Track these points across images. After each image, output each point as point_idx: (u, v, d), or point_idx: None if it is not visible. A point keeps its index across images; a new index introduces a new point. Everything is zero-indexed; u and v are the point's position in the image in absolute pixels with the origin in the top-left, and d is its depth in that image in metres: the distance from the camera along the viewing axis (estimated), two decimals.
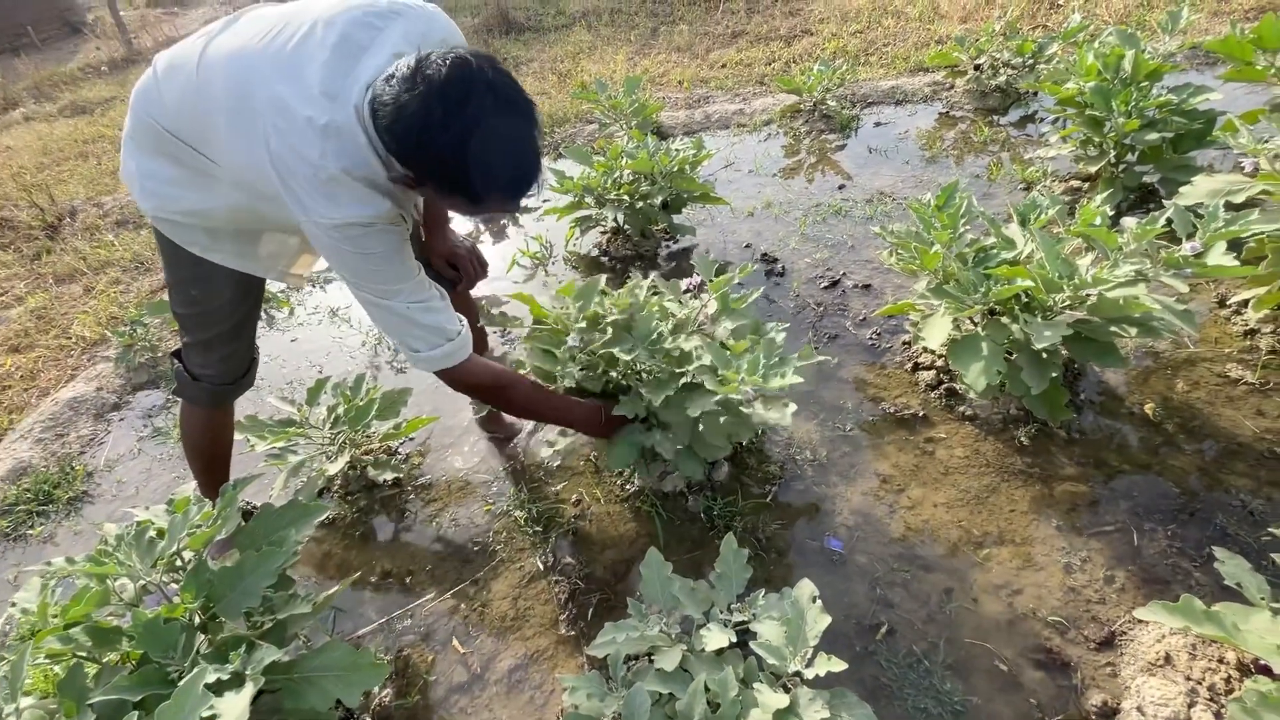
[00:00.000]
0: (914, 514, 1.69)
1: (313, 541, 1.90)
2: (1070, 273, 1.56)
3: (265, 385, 2.55)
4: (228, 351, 1.54)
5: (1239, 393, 1.84)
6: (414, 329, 1.29)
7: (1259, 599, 1.18)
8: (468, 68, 0.99)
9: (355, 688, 1.18)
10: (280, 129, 1.08)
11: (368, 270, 1.21)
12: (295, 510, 1.42)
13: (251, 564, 1.24)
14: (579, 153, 2.87)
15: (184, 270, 1.40)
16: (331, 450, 1.91)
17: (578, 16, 6.76)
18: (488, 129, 1.00)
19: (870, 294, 2.47)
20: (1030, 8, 4.77)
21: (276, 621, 1.26)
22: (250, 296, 1.50)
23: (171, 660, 1.11)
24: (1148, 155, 2.55)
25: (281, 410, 1.97)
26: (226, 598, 1.22)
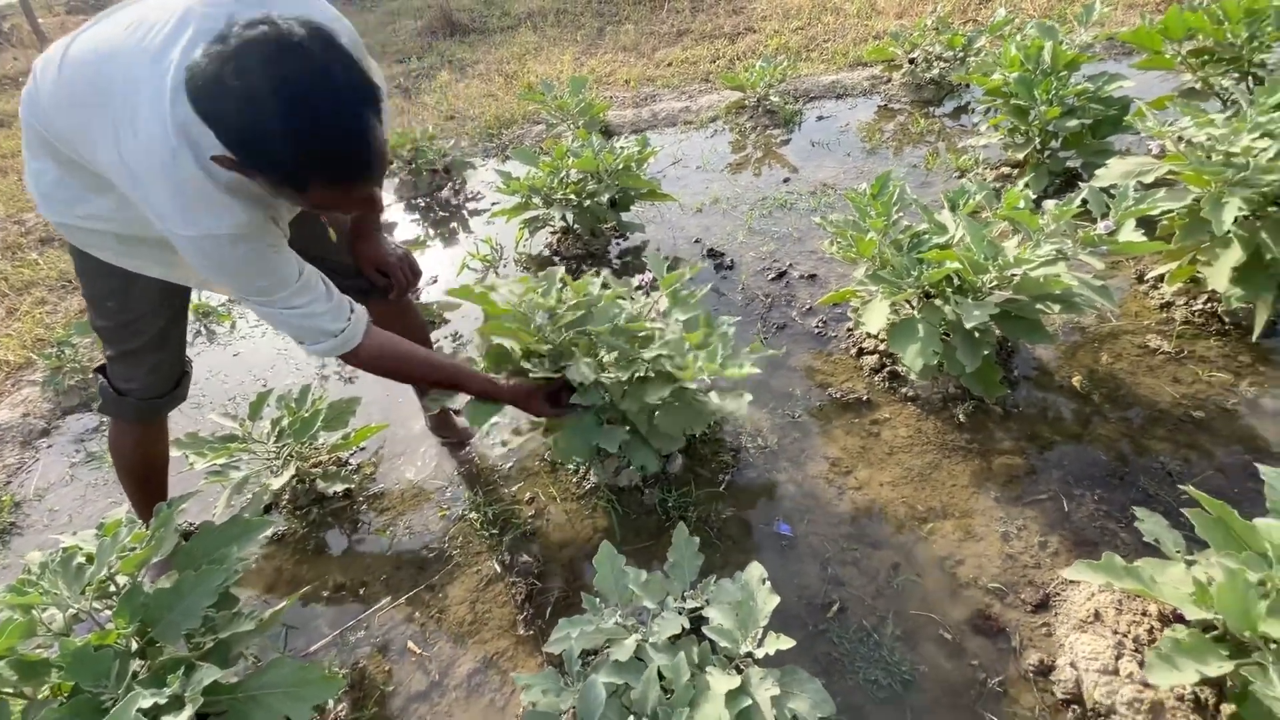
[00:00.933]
0: (861, 494, 1.74)
1: (261, 558, 1.85)
2: (995, 254, 1.63)
3: (206, 402, 2.46)
4: (153, 363, 1.48)
5: (1157, 362, 1.95)
6: (297, 329, 1.26)
7: (1175, 553, 1.26)
8: (274, 30, 0.88)
9: (304, 703, 1.16)
10: (134, 128, 1.01)
11: (237, 282, 1.17)
12: (238, 527, 1.39)
13: (190, 584, 1.21)
14: (525, 153, 2.86)
15: (99, 281, 1.34)
16: (276, 464, 1.86)
17: (523, 18, 6.73)
18: (293, 101, 0.88)
19: (816, 283, 2.52)
20: (961, 3, 4.95)
21: (219, 641, 1.23)
22: (173, 305, 1.43)
23: (105, 689, 1.07)
24: (1070, 141, 2.68)
25: (223, 426, 1.91)
26: (164, 620, 1.18)
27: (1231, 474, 1.63)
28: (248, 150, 0.94)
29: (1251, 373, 1.87)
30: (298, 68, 0.89)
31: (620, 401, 1.58)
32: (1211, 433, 1.73)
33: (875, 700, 1.34)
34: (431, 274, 3.05)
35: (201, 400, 2.49)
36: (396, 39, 6.88)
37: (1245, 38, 2.51)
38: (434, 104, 5.02)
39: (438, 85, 5.39)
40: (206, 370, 2.66)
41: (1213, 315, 2.03)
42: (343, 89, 0.92)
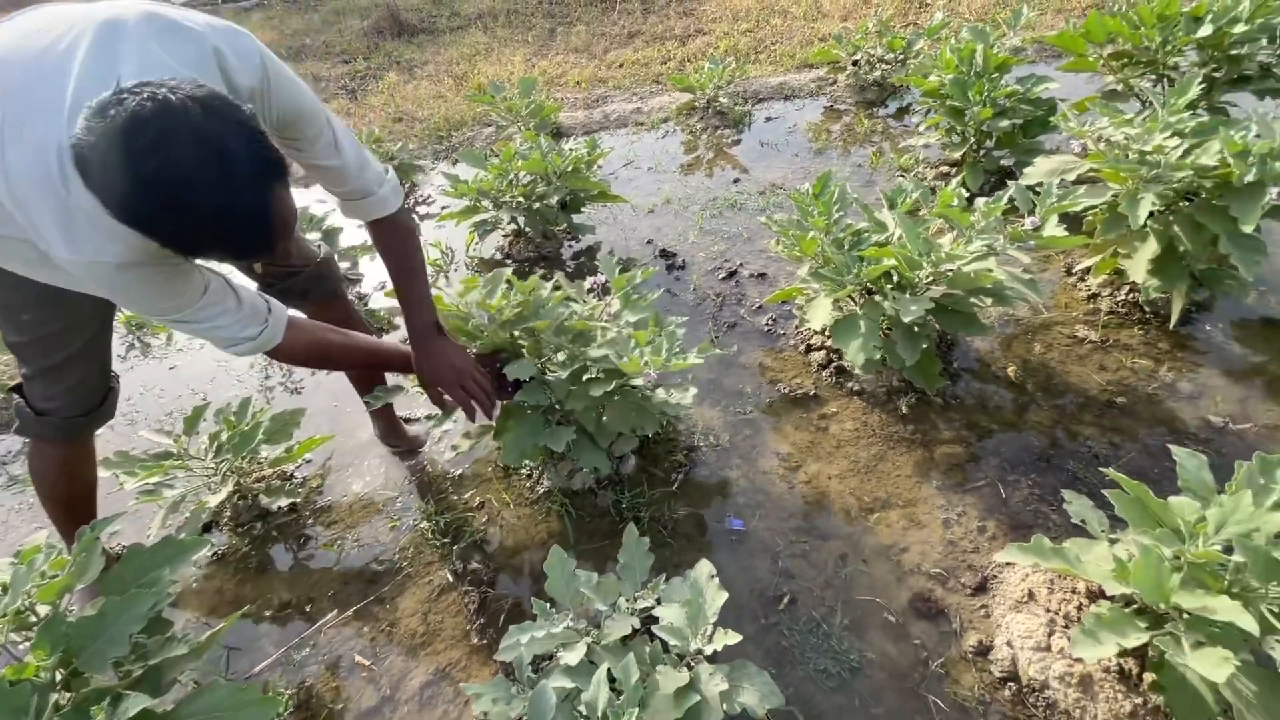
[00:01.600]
0: (810, 487, 1.78)
1: (201, 579, 1.78)
2: (930, 251, 1.69)
3: (140, 418, 2.35)
4: (76, 380, 1.40)
5: (1085, 351, 2.05)
6: (206, 337, 1.23)
7: (1099, 533, 1.33)
8: (164, 107, 0.81)
9: None
10: (21, 139, 0.94)
11: (134, 303, 1.12)
12: (171, 547, 1.33)
13: (116, 609, 1.15)
14: (473, 156, 2.83)
15: (12, 292, 1.25)
16: (215, 481, 1.80)
17: (473, 18, 6.64)
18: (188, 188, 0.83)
19: (765, 282, 2.57)
20: (903, 6, 5.10)
21: (150, 668, 1.18)
22: (95, 317, 1.36)
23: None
24: (1003, 140, 2.79)
25: (157, 443, 1.83)
26: (89, 649, 1.13)
27: (1154, 455, 1.72)
28: (141, 229, 0.88)
29: (1170, 359, 1.98)
30: (191, 154, 0.83)
31: (566, 401, 1.58)
32: (1134, 416, 1.83)
33: (825, 689, 1.37)
34: (381, 280, 2.98)
35: (135, 417, 2.38)
36: (342, 39, 6.71)
37: (1159, 42, 2.66)
38: (381, 105, 4.91)
39: (385, 86, 5.27)
40: (140, 385, 2.54)
41: (1134, 305, 2.14)
42: (241, 171, 0.87)
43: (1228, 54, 2.61)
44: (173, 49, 0.99)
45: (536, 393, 1.56)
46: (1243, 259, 1.74)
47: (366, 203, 1.38)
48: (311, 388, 2.41)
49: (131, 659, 1.20)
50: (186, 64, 0.99)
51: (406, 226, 1.48)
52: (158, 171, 0.82)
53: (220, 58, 1.05)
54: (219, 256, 0.97)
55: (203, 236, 0.90)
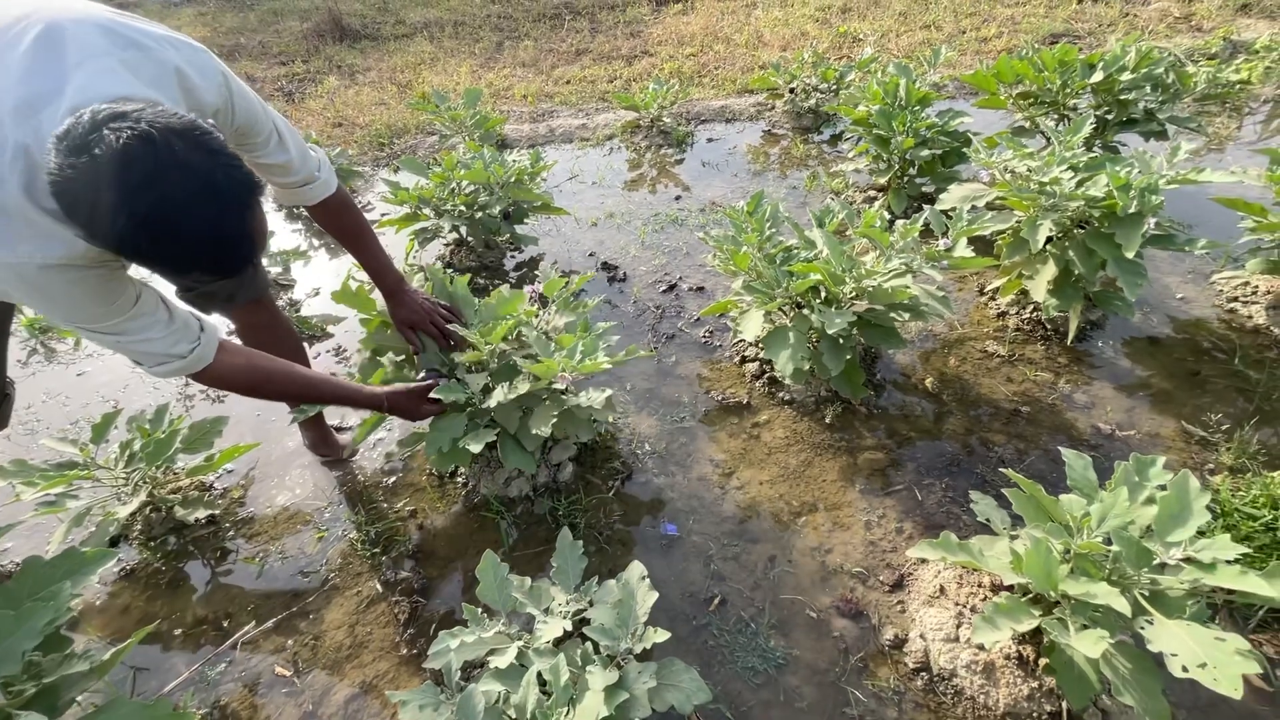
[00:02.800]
0: (742, 493, 1.84)
1: (107, 596, 1.67)
2: (852, 267, 1.79)
3: (40, 427, 2.20)
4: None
5: (994, 364, 2.21)
6: (132, 353, 1.17)
7: (1002, 530, 1.43)
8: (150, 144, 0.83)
9: None
10: None
11: (58, 313, 1.06)
12: (72, 560, 1.26)
13: (8, 625, 1.08)
14: (414, 164, 2.80)
15: None
16: (125, 492, 1.70)
17: (419, 27, 6.58)
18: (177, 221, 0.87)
19: (704, 295, 2.64)
20: (837, 40, 5.39)
21: (45, 687, 1.10)
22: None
23: None
24: (924, 168, 2.98)
25: (60, 452, 1.72)
26: None
27: (1054, 459, 1.87)
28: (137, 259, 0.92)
29: (1068, 372, 2.16)
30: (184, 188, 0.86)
31: (485, 400, 1.56)
32: (1037, 424, 1.98)
33: (752, 685, 1.41)
34: (313, 286, 2.90)
35: (36, 426, 2.22)
36: (280, 40, 6.51)
37: (1059, 85, 2.92)
38: (320, 110, 4.79)
39: (324, 90, 5.15)
40: (42, 393, 2.38)
41: (1038, 323, 2.32)
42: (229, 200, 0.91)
43: (1117, 98, 2.89)
44: (135, 66, 0.99)
45: (455, 390, 1.55)
46: (1127, 282, 1.92)
47: (310, 189, 1.38)
48: (235, 397, 2.32)
49: (24, 678, 1.12)
50: (148, 83, 0.99)
51: (348, 201, 1.51)
52: (153, 208, 0.85)
53: (182, 77, 1.05)
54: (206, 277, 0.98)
55: (197, 260, 0.93)
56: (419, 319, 1.64)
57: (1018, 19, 5.40)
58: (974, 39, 5.07)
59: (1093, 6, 5.54)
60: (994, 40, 5.00)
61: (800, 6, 6.23)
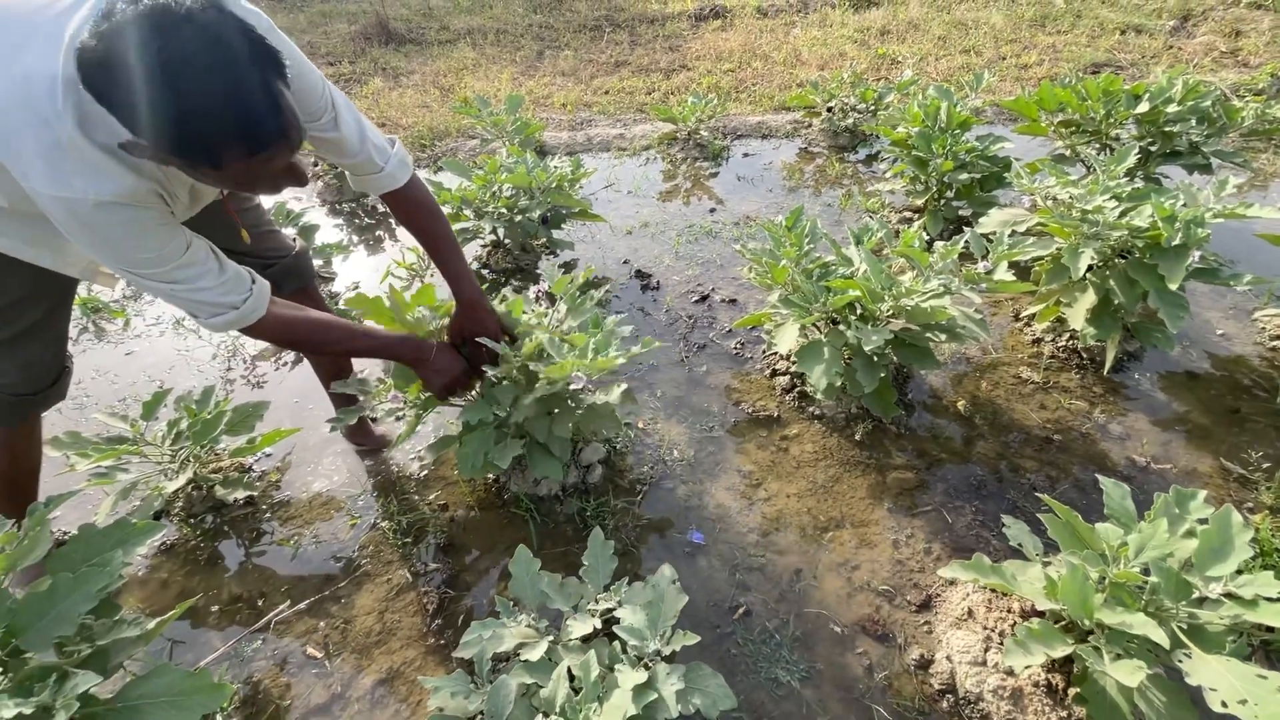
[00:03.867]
0: (770, 505, 1.84)
1: (147, 569, 1.73)
2: (891, 285, 1.80)
3: (90, 403, 2.28)
4: (27, 357, 1.36)
5: (1028, 390, 2.19)
6: (185, 304, 1.18)
7: (1034, 555, 1.42)
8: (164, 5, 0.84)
9: (189, 713, 1.10)
10: (6, 75, 0.94)
11: (112, 254, 1.06)
12: (123, 530, 1.30)
13: (66, 588, 1.12)
14: (457, 166, 2.87)
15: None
16: (171, 468, 1.76)
17: (463, 33, 6.73)
18: (194, 75, 0.85)
19: (736, 308, 2.66)
20: (875, 62, 5.40)
21: (97, 649, 1.15)
22: (51, 294, 1.33)
23: None
24: (962, 192, 2.98)
25: (110, 427, 1.79)
26: (34, 627, 1.09)
27: (1085, 489, 1.85)
28: (157, 133, 0.88)
29: (1103, 402, 2.14)
30: (194, 41, 0.84)
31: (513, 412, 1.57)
32: (1069, 453, 1.96)
33: (774, 696, 1.41)
34: (353, 280, 2.97)
35: (85, 401, 2.30)
36: (328, 41, 6.70)
37: (1103, 114, 2.90)
38: (365, 110, 4.92)
39: (369, 91, 5.29)
40: (93, 370, 2.46)
41: (1074, 351, 2.30)
42: (243, 58, 0.88)
43: (1162, 130, 2.86)
44: None
45: (482, 408, 1.56)
46: (1168, 314, 1.91)
47: (374, 178, 1.39)
48: (275, 382, 2.38)
49: (78, 640, 1.16)
50: None
51: (421, 199, 1.47)
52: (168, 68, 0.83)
53: None
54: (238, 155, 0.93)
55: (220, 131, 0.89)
56: (472, 333, 1.55)
57: (1059, 47, 5.38)
58: (1014, 65, 5.05)
59: (1136, 38, 5.50)
60: (1034, 67, 4.98)
61: (839, 27, 6.27)
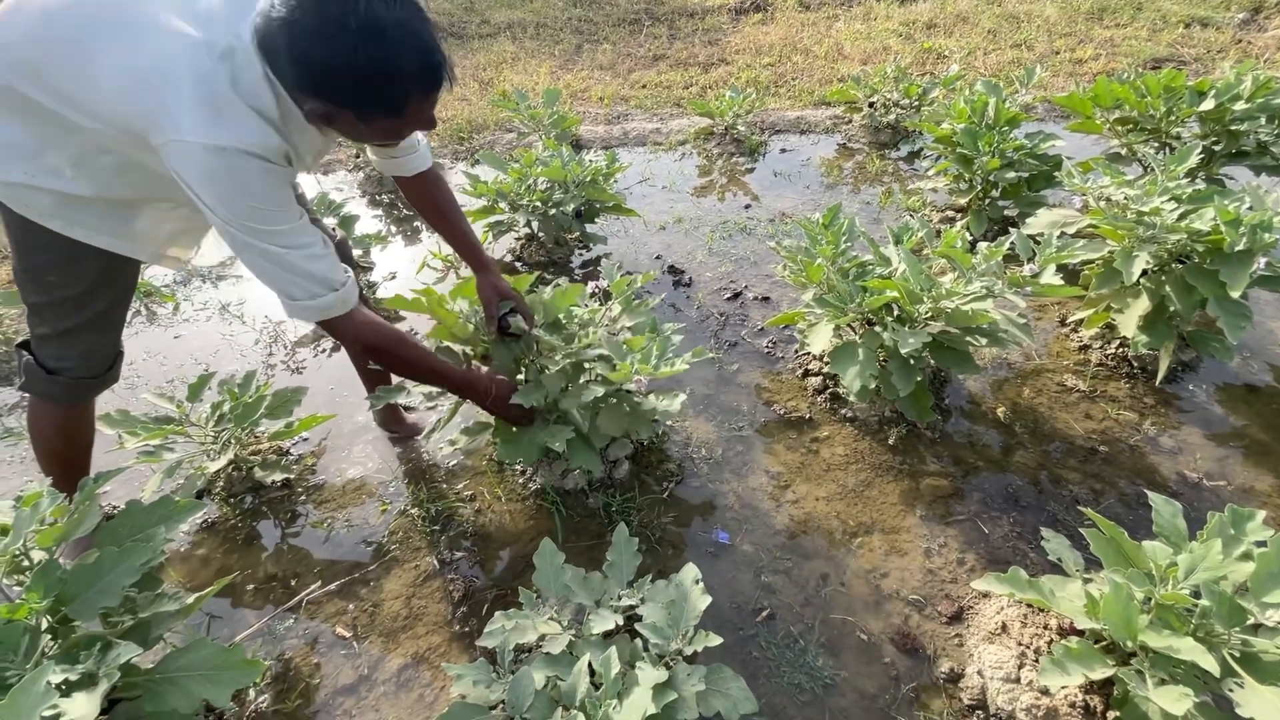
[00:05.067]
0: (797, 507, 1.81)
1: (188, 545, 1.79)
2: (930, 287, 1.75)
3: (140, 383, 2.37)
4: (90, 344, 1.42)
5: (1073, 399, 2.11)
6: (291, 275, 1.20)
7: (1074, 571, 1.37)
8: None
9: (224, 687, 1.13)
10: (168, 45, 1.03)
11: (244, 205, 1.11)
12: (167, 507, 1.35)
13: (112, 560, 1.17)
14: (494, 159, 2.89)
15: (40, 253, 1.28)
16: (214, 449, 1.82)
17: (503, 27, 6.78)
18: (382, 26, 0.98)
19: (768, 306, 2.62)
20: (920, 56, 5.26)
21: (139, 621, 1.19)
22: (118, 282, 1.38)
23: (11, 665, 1.03)
24: (1008, 191, 2.88)
25: (158, 407, 1.85)
26: (81, 597, 1.14)
27: (1130, 504, 1.77)
28: (354, 88, 1.03)
29: (1154, 413, 2.04)
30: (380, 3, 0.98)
31: (561, 401, 1.60)
32: (1115, 465, 1.88)
33: (797, 702, 1.39)
34: (390, 270, 3.03)
35: (135, 381, 2.40)
36: None
37: (1163, 111, 2.77)
38: None
39: None
40: (143, 351, 2.56)
41: (1123, 359, 2.20)
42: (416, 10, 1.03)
43: (1228, 128, 2.71)
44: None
45: (533, 393, 1.59)
46: (1229, 323, 1.81)
47: (410, 159, 1.47)
48: (313, 369, 2.44)
49: (120, 611, 1.21)
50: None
51: (441, 178, 1.60)
52: (358, 24, 0.97)
53: None
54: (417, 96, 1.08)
55: (408, 74, 1.04)
56: (504, 291, 1.68)
57: (1117, 41, 5.15)
58: (1068, 60, 4.86)
59: (1201, 31, 5.23)
60: (1090, 63, 4.78)
61: (884, 21, 6.12)
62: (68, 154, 1.17)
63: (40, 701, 0.88)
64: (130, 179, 1.22)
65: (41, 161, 1.18)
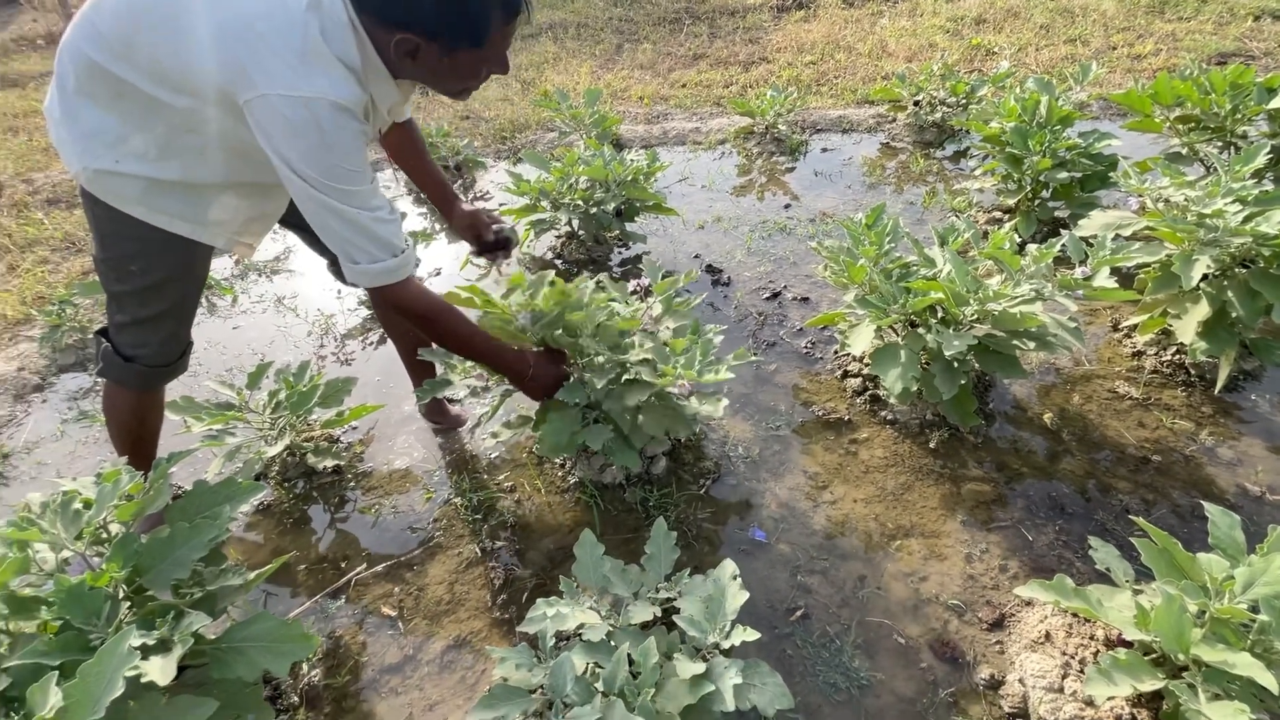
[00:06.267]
0: (835, 508, 1.81)
1: (246, 526, 1.88)
2: (977, 288, 1.72)
3: (202, 371, 2.50)
4: (168, 332, 1.50)
5: (1125, 407, 2.05)
6: (359, 238, 1.23)
7: (1124, 581, 1.34)
8: None
9: (283, 659, 1.19)
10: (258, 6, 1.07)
11: (326, 162, 1.13)
12: (230, 488, 1.42)
13: (184, 535, 1.24)
14: (536, 158, 2.94)
15: (124, 243, 1.34)
16: (270, 435, 1.90)
17: (544, 28, 6.87)
18: None
19: (808, 306, 2.61)
20: (968, 53, 5.14)
21: (206, 593, 1.27)
22: (194, 272, 1.46)
23: (94, 628, 1.11)
24: (1059, 192, 2.80)
25: (220, 394, 1.95)
26: (155, 569, 1.22)
27: (1184, 516, 1.71)
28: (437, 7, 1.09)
29: (1211, 423, 1.97)
30: None
31: (604, 401, 1.64)
32: (1169, 476, 1.82)
33: (832, 702, 1.39)
34: (435, 266, 3.11)
35: (198, 370, 2.52)
36: None
37: (1229, 109, 2.65)
38: (450, 102, 5.11)
39: None
40: (205, 341, 2.69)
41: (1179, 366, 2.13)
42: None
43: None
44: None
45: (577, 391, 1.62)
46: None
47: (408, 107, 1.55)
48: (361, 361, 2.53)
49: (189, 583, 1.29)
50: None
51: (419, 130, 1.71)
52: None
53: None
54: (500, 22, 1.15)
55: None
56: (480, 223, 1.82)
57: (1179, 35, 4.94)
58: (1125, 56, 4.68)
59: (1272, 25, 4.98)
60: (1149, 58, 4.60)
61: (930, 17, 5.99)
62: (154, 136, 1.21)
63: (124, 662, 0.95)
64: (212, 161, 1.26)
65: (128, 146, 1.22)
